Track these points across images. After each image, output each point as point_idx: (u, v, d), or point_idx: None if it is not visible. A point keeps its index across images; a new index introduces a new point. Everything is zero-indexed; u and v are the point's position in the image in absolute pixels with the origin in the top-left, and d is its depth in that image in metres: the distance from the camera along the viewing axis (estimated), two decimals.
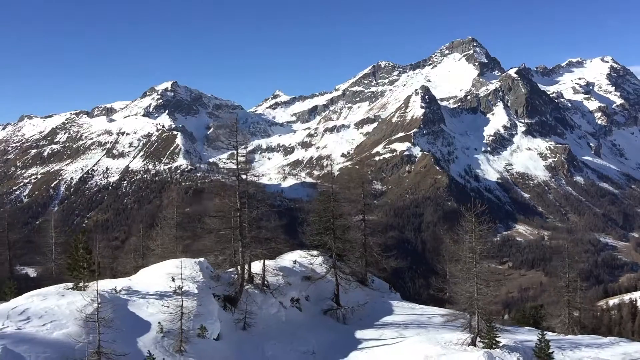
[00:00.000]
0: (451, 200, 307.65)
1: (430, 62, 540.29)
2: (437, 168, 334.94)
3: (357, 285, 36.77)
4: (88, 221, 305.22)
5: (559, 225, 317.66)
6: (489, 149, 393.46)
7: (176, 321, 22.50)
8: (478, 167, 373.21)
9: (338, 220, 34.58)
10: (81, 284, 25.22)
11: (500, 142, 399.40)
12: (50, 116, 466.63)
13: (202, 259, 32.60)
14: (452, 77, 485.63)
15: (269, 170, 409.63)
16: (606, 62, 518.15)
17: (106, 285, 26.45)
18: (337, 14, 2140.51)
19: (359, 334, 29.71)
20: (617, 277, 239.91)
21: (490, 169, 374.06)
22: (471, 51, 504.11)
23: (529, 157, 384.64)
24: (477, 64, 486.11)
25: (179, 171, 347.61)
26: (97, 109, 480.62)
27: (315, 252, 38.48)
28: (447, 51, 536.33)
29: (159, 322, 22.87)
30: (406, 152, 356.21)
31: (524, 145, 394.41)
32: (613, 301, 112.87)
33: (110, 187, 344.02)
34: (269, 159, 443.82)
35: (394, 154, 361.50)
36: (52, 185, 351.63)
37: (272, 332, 27.61)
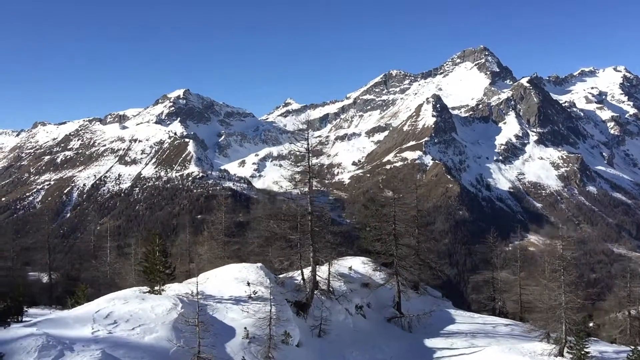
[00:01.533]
0: (462, 209, 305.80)
1: (441, 70, 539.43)
2: (449, 177, 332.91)
3: (418, 293, 36.05)
4: (100, 227, 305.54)
5: (572, 236, 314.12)
6: (500, 158, 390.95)
7: (264, 327, 21.94)
8: (490, 176, 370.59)
9: (399, 226, 33.91)
10: (157, 288, 24.73)
11: (512, 151, 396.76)
12: (64, 123, 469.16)
13: (260, 264, 32.06)
14: (464, 86, 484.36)
15: (280, 178, 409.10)
16: (619, 71, 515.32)
17: (180, 289, 25.95)
18: (348, 23, 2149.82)
19: (429, 342, 28.99)
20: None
21: (502, 178, 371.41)
22: (483, 60, 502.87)
23: (541, 166, 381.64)
24: (488, 72, 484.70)
25: (190, 178, 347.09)
26: (110, 116, 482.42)
27: (366, 258, 37.93)
28: (458, 60, 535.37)
29: (245, 328, 22.31)
30: (417, 161, 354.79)
31: (536, 155, 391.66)
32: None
33: (122, 194, 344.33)
34: (280, 166, 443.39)
35: (405, 163, 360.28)
36: (65, 191, 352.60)
37: (346, 340, 26.94)
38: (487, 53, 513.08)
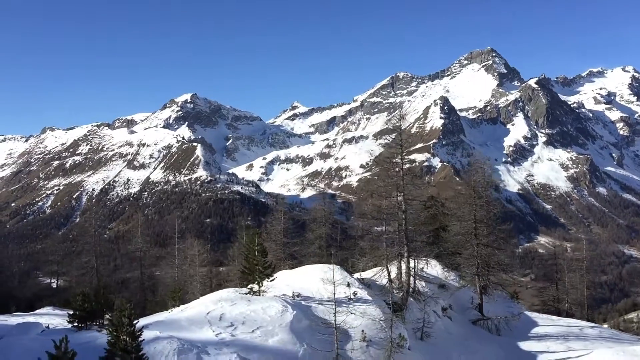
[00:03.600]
0: None
1: (449, 72, 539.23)
2: (457, 179, 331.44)
3: (489, 295, 34.93)
4: (109, 232, 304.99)
5: (582, 237, 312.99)
6: (509, 159, 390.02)
7: (378, 329, 21.00)
8: (499, 177, 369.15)
9: (480, 226, 32.82)
10: (256, 288, 23.77)
11: (521, 153, 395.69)
12: (72, 128, 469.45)
13: (336, 265, 31.10)
14: (471, 88, 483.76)
15: (288, 181, 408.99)
16: (627, 71, 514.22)
17: (275, 291, 24.97)
18: (355, 26, 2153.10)
19: (524, 346, 27.88)
20: None
21: (511, 180, 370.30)
22: (490, 61, 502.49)
23: (550, 167, 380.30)
24: (496, 74, 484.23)
25: (198, 182, 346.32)
26: (118, 121, 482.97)
27: (434, 261, 36.87)
28: (465, 62, 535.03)
29: (363, 330, 21.33)
30: (426, 163, 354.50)
31: (545, 156, 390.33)
32: None
33: (131, 198, 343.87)
34: (287, 170, 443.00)
35: (413, 165, 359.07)
36: (74, 196, 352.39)
37: (446, 343, 25.88)
38: (494, 54, 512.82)
